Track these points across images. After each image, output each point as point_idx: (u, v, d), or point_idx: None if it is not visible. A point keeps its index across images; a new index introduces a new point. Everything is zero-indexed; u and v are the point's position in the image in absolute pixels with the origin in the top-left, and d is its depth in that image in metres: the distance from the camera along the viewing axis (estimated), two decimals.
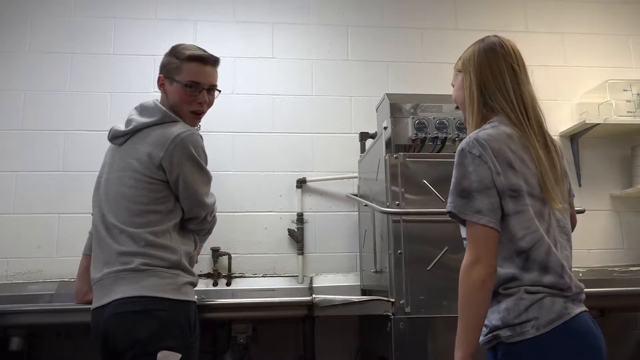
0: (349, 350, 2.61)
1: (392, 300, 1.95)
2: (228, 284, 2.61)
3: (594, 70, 3.09)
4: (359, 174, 2.68)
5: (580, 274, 2.77)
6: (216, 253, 2.60)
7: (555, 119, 3.00)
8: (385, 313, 1.96)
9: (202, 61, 1.71)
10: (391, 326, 1.92)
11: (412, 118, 2.17)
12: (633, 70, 3.11)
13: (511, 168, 1.23)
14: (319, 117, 2.88)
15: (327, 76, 2.94)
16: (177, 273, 1.57)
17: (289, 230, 2.71)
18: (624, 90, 2.85)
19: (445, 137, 2.17)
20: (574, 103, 3.04)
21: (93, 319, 1.59)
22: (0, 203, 2.60)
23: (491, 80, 1.32)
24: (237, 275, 2.65)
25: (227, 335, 2.20)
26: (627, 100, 2.84)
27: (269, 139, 2.82)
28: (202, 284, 2.55)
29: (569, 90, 3.05)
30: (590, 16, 3.19)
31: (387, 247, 2.02)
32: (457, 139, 2.18)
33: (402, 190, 2.03)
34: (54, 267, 2.54)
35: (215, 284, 2.60)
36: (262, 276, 2.67)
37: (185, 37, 2.87)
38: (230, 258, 2.63)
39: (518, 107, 1.30)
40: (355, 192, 2.69)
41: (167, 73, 1.71)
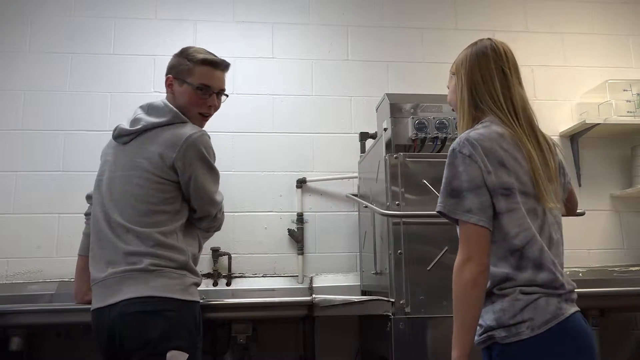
0: (349, 350, 2.61)
1: (392, 300, 1.95)
2: (228, 284, 2.61)
3: (594, 70, 3.09)
4: (359, 174, 2.68)
5: (580, 274, 2.77)
6: (216, 253, 2.60)
7: (555, 119, 3.00)
8: (385, 313, 1.96)
9: (214, 65, 1.73)
10: (391, 326, 1.92)
11: (412, 118, 2.17)
12: (633, 70, 3.11)
13: (503, 166, 1.24)
14: (319, 117, 2.88)
15: (327, 76, 2.94)
16: (184, 274, 1.59)
17: (289, 230, 2.71)
18: (624, 90, 2.85)
19: (445, 137, 2.17)
20: (574, 103, 3.04)
21: (95, 319, 1.58)
22: (0, 203, 2.60)
23: (481, 83, 1.34)
24: (237, 275, 2.65)
25: (227, 335, 2.19)
26: (627, 100, 2.84)
27: (269, 139, 2.82)
28: (202, 284, 2.55)
29: (569, 90, 3.05)
30: (590, 16, 3.19)
31: (387, 247, 2.02)
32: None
33: (402, 190, 2.03)
34: (54, 267, 2.54)
35: (215, 284, 2.60)
36: (262, 276, 2.67)
37: (185, 37, 2.87)
38: (230, 258, 2.63)
39: (507, 108, 1.32)
40: (355, 192, 2.70)
41: (177, 74, 1.72)
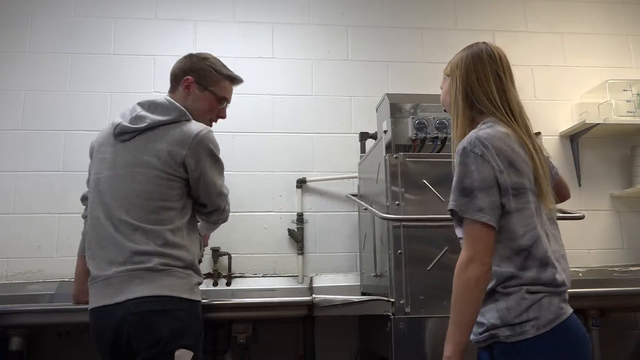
0: (349, 350, 2.61)
1: (392, 300, 1.95)
2: (228, 284, 2.61)
3: (594, 70, 3.09)
4: (358, 175, 2.68)
5: (580, 274, 2.77)
6: (216, 253, 2.60)
7: (555, 119, 3.00)
8: (385, 313, 1.96)
9: (235, 82, 1.86)
10: (391, 326, 1.92)
11: (412, 118, 2.17)
12: (633, 70, 3.11)
13: (512, 166, 1.26)
14: (319, 117, 2.88)
15: (327, 76, 2.94)
16: (190, 273, 1.61)
17: (289, 230, 2.71)
18: (624, 90, 2.85)
19: (445, 137, 2.17)
20: (574, 103, 3.04)
21: (97, 317, 1.57)
22: (0, 203, 2.60)
23: (476, 85, 1.36)
24: (237, 275, 2.65)
25: (227, 335, 2.19)
26: (627, 100, 2.84)
27: (269, 139, 2.83)
28: (202, 284, 2.55)
29: (569, 90, 3.06)
30: (590, 16, 3.19)
31: (387, 247, 2.02)
32: None
33: (402, 190, 2.03)
34: (54, 267, 2.54)
35: (215, 284, 2.60)
36: (262, 276, 2.67)
37: (185, 37, 2.88)
38: (230, 258, 2.63)
39: (505, 110, 1.34)
40: (355, 192, 2.70)
41: (200, 79, 1.77)
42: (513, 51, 3.02)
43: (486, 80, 1.35)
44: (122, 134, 1.67)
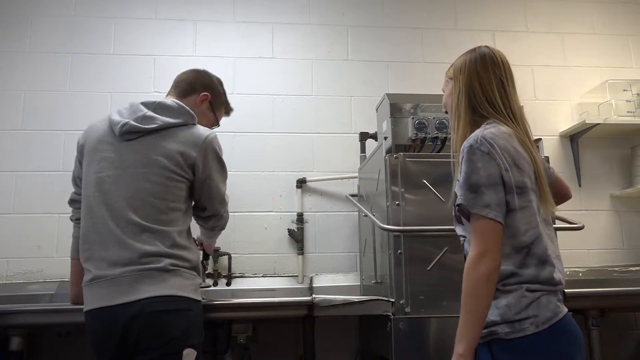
0: (349, 350, 2.61)
1: (392, 300, 1.95)
2: (228, 284, 2.61)
3: (594, 70, 3.09)
4: (359, 175, 2.68)
5: (580, 274, 2.77)
6: (216, 253, 2.59)
7: (555, 119, 3.00)
8: (385, 313, 1.96)
9: (229, 114, 2.05)
10: (391, 326, 1.92)
11: (412, 118, 2.17)
12: (633, 70, 3.11)
13: (516, 165, 1.29)
14: (319, 117, 2.88)
15: (327, 76, 2.94)
16: (194, 274, 1.64)
17: (289, 230, 2.71)
18: (624, 90, 2.86)
19: (445, 137, 2.17)
20: (574, 103, 3.04)
21: (102, 318, 1.54)
22: (0, 203, 2.61)
23: (479, 89, 1.38)
24: (237, 275, 2.65)
25: (227, 335, 2.19)
26: (627, 100, 2.84)
27: (269, 139, 2.83)
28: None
29: (569, 90, 3.06)
30: (590, 16, 3.19)
31: (387, 248, 2.02)
32: None
33: (402, 190, 2.03)
34: (54, 267, 2.54)
35: (215, 284, 2.59)
36: (262, 276, 2.67)
37: (185, 37, 2.88)
38: (230, 258, 2.63)
39: (507, 114, 1.36)
40: (355, 192, 2.70)
41: (213, 99, 1.89)
42: (513, 51, 3.04)
43: (489, 85, 1.37)
44: (129, 133, 1.64)
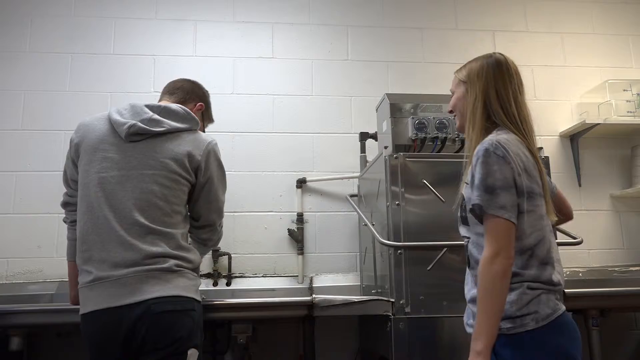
0: (349, 350, 2.61)
1: (392, 300, 1.95)
2: (228, 284, 2.61)
3: (594, 70, 3.09)
4: (359, 175, 2.68)
5: (580, 274, 2.77)
6: (216, 253, 2.60)
7: (555, 119, 3.00)
8: (385, 313, 1.96)
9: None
10: (391, 326, 1.92)
11: (412, 118, 2.17)
12: (633, 70, 3.11)
13: (526, 171, 1.34)
14: (319, 117, 2.88)
15: (327, 76, 2.94)
16: (195, 275, 1.66)
17: (289, 230, 2.71)
18: (624, 90, 2.86)
19: (445, 137, 2.17)
20: (574, 103, 3.04)
21: (105, 319, 1.52)
22: (0, 203, 2.61)
23: (495, 97, 1.41)
24: (237, 275, 2.65)
25: (227, 335, 2.20)
26: (627, 100, 2.84)
27: (269, 139, 2.83)
28: (202, 284, 2.55)
29: (569, 90, 3.06)
30: (590, 16, 3.19)
31: (387, 248, 2.02)
32: (457, 139, 2.18)
33: (402, 190, 2.03)
34: (54, 267, 2.54)
35: (215, 284, 2.60)
36: (262, 276, 2.67)
37: (185, 37, 2.88)
38: (230, 258, 2.63)
39: (520, 123, 1.41)
40: (355, 193, 2.70)
41: (205, 110, 1.93)
42: (513, 51, 3.02)
43: (505, 94, 1.41)
44: (135, 135, 1.63)
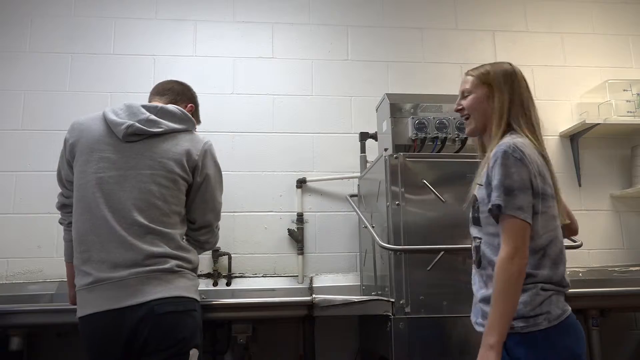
0: (349, 350, 2.61)
1: (392, 300, 1.95)
2: (228, 284, 2.61)
3: (594, 70, 3.09)
4: (359, 175, 2.68)
5: (580, 274, 2.77)
6: (216, 253, 2.60)
7: (555, 119, 3.00)
8: (385, 313, 1.96)
9: None
10: (391, 326, 1.92)
11: (412, 118, 2.17)
12: (633, 70, 3.11)
13: (540, 174, 1.39)
14: (319, 117, 2.88)
15: (327, 76, 2.94)
16: (195, 275, 1.67)
17: (289, 230, 2.71)
18: (624, 90, 2.86)
19: (445, 137, 2.17)
20: (574, 103, 3.04)
21: (107, 321, 1.51)
22: (0, 203, 2.61)
23: (520, 106, 1.49)
24: (237, 275, 2.65)
25: (227, 335, 2.20)
26: (627, 100, 2.84)
27: (269, 139, 2.83)
28: (202, 284, 2.54)
29: (569, 90, 3.06)
30: (590, 16, 3.19)
31: (387, 252, 2.01)
32: (457, 138, 2.18)
33: (402, 190, 2.03)
34: (54, 267, 2.54)
35: (215, 284, 2.60)
36: (262, 276, 2.67)
37: (185, 37, 2.88)
38: (230, 258, 2.63)
39: (535, 129, 1.48)
40: (355, 192, 2.70)
41: (195, 112, 1.90)
42: (513, 51, 3.04)
43: (527, 104, 1.49)
44: (133, 135, 1.63)
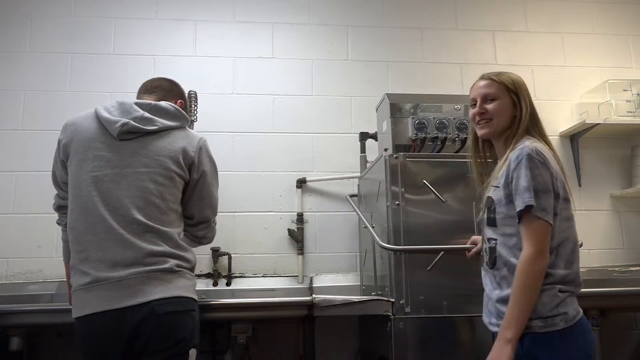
0: (349, 350, 2.61)
1: (392, 300, 1.95)
2: (228, 284, 2.61)
3: (594, 70, 3.09)
4: (359, 176, 2.68)
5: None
6: (216, 253, 2.60)
7: (555, 119, 3.00)
8: (385, 313, 1.96)
9: None
10: (391, 326, 1.92)
11: (412, 118, 2.17)
12: (633, 70, 3.11)
13: (558, 177, 1.45)
14: (319, 117, 2.88)
15: (327, 76, 2.94)
16: (193, 275, 1.67)
17: (289, 230, 2.71)
18: (624, 90, 2.86)
19: (445, 137, 2.17)
20: (574, 103, 3.04)
21: (107, 322, 1.50)
22: (0, 203, 2.61)
23: (536, 112, 1.60)
24: (237, 275, 2.65)
25: (227, 335, 2.20)
26: (627, 100, 2.84)
27: (269, 139, 2.83)
28: (202, 284, 2.56)
29: (569, 90, 3.05)
30: (590, 16, 3.19)
31: (387, 252, 2.02)
32: (457, 138, 2.18)
33: (402, 190, 2.03)
34: (54, 267, 2.54)
35: (215, 284, 2.60)
36: (262, 276, 2.67)
37: (185, 37, 2.88)
38: (230, 258, 2.63)
39: (546, 135, 1.57)
40: (355, 192, 2.70)
41: (185, 105, 1.89)
42: (513, 51, 3.05)
43: (535, 112, 1.59)
44: (128, 133, 1.62)
